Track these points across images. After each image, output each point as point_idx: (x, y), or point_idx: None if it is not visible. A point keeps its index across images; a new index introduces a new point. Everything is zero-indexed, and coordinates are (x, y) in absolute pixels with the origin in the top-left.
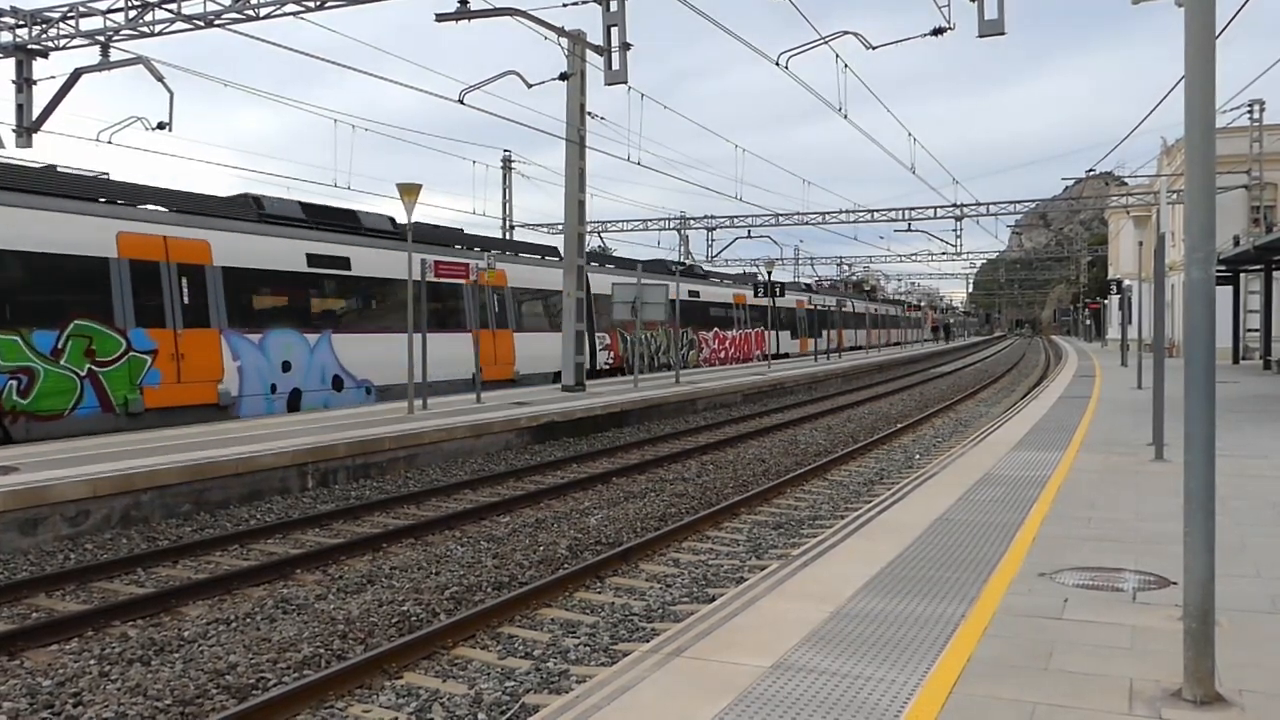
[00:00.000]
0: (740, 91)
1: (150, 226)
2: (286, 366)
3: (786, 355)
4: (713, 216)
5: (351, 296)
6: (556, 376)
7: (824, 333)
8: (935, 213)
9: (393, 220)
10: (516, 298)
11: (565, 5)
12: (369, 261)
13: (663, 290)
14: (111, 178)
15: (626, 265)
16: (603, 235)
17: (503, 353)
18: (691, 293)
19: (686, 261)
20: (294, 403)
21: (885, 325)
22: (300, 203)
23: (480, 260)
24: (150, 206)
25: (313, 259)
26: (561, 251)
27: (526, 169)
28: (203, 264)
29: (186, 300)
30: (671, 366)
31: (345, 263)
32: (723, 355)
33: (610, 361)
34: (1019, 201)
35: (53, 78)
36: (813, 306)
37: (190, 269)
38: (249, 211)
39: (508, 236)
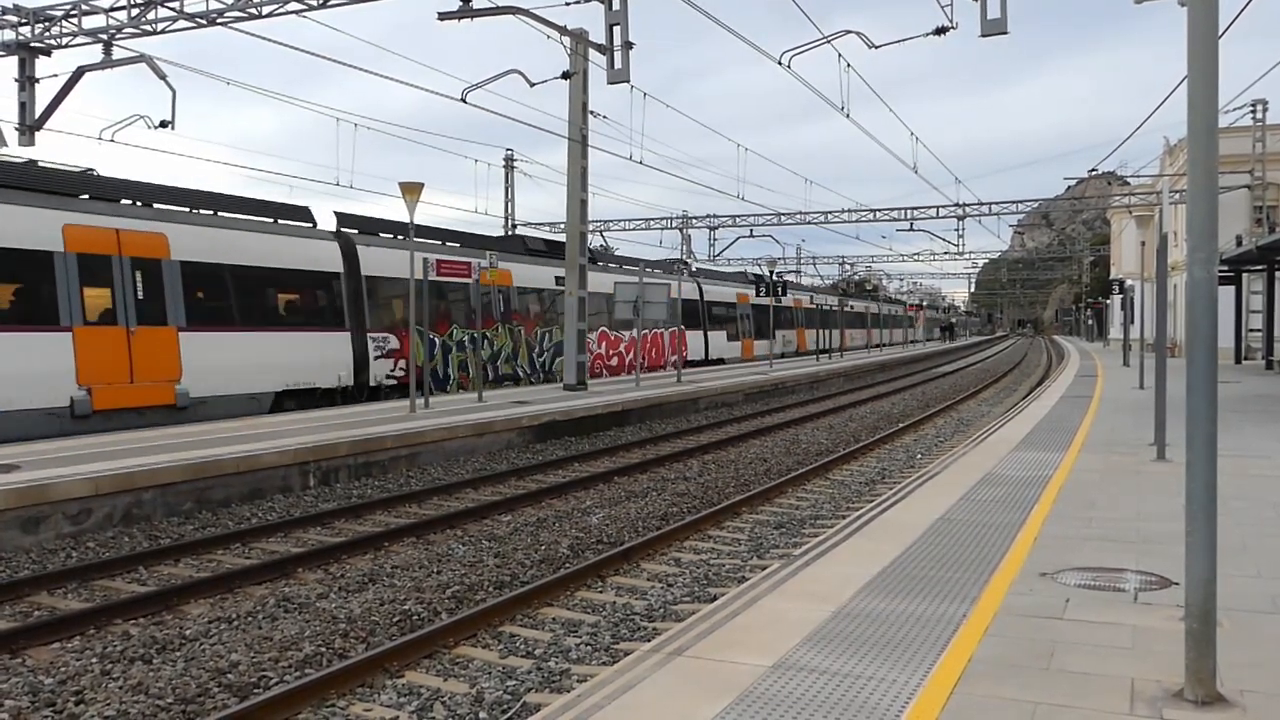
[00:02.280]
0: (742, 91)
1: None
2: None
3: (720, 361)
4: (715, 216)
5: None
6: (279, 400)
7: (779, 334)
8: (937, 212)
9: None
10: (192, 279)
11: (567, 4)
12: None
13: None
14: None
15: (480, 245)
16: (605, 234)
17: (152, 364)
18: (560, 279)
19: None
20: None
21: (865, 325)
22: None
23: (95, 216)
24: None
25: None
26: (307, 220)
27: (529, 168)
28: None
29: None
30: (519, 378)
31: None
32: (614, 363)
33: (399, 373)
34: (1021, 201)
35: (55, 76)
36: (774, 302)
37: None
38: None
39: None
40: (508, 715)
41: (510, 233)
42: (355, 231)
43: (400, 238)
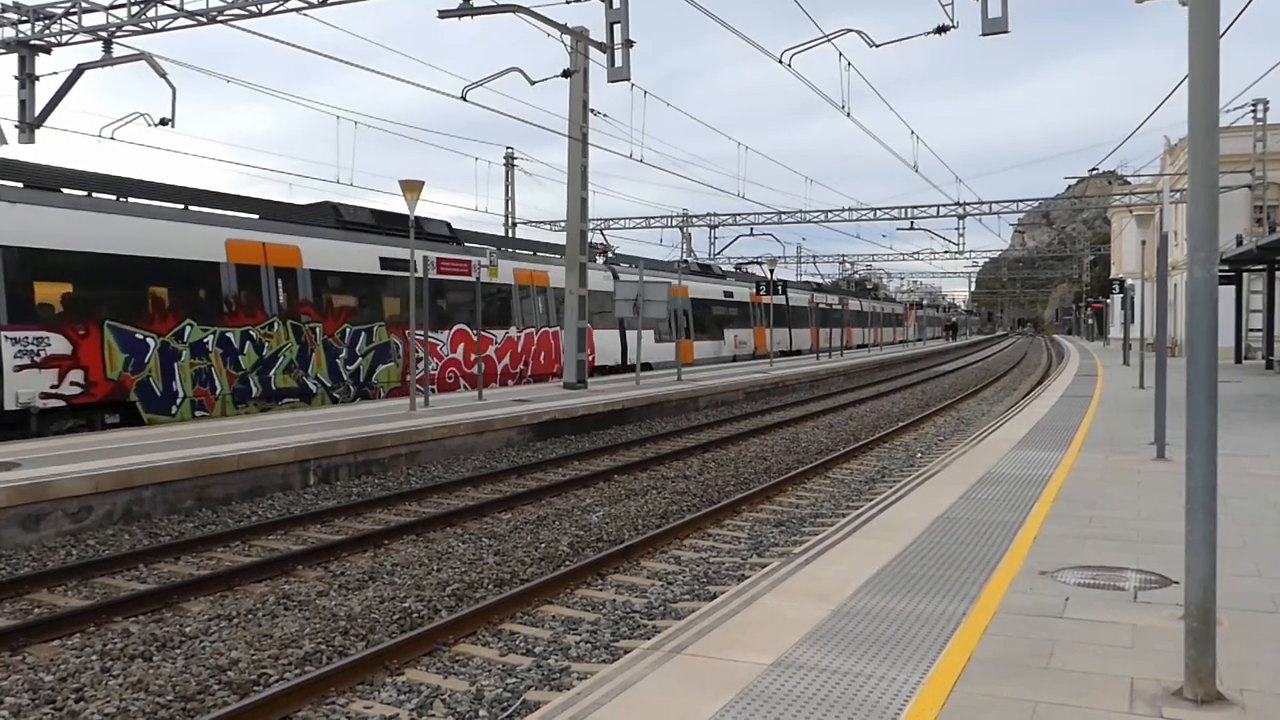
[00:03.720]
0: (743, 89)
1: None
2: None
3: (648, 367)
4: (715, 214)
5: None
6: None
7: (731, 334)
8: (938, 211)
9: None
10: None
11: (568, 2)
12: None
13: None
14: None
15: (269, 214)
16: (605, 233)
17: None
18: (388, 262)
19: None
20: None
21: (845, 324)
22: None
23: None
24: None
25: None
26: None
27: (529, 166)
28: None
29: None
30: (311, 393)
31: None
32: (490, 369)
33: (70, 390)
34: (1022, 200)
35: (55, 74)
36: (723, 296)
37: None
38: None
39: (510, 234)
40: (507, 713)
41: (512, 231)
42: (17, 185)
43: (93, 195)
